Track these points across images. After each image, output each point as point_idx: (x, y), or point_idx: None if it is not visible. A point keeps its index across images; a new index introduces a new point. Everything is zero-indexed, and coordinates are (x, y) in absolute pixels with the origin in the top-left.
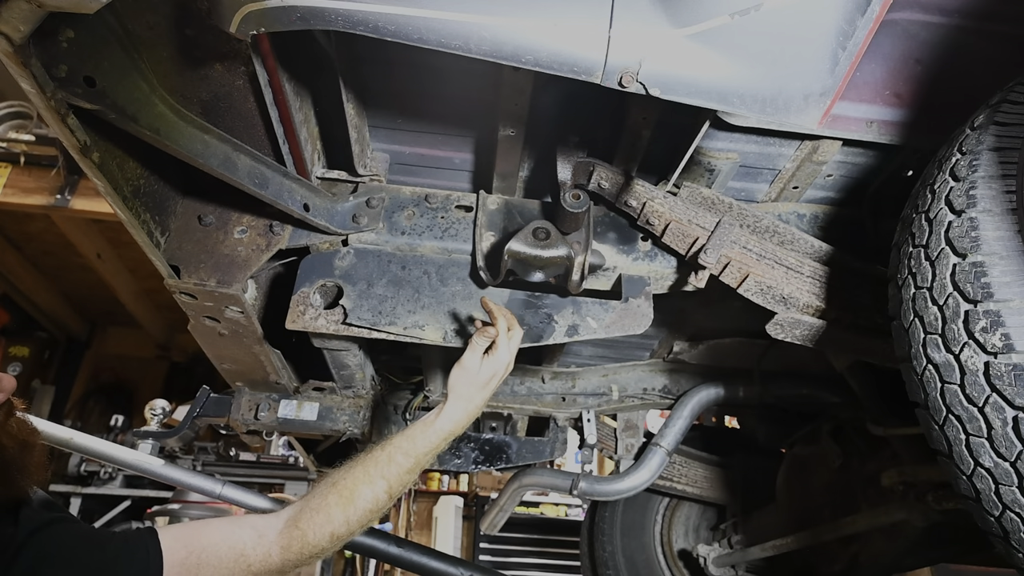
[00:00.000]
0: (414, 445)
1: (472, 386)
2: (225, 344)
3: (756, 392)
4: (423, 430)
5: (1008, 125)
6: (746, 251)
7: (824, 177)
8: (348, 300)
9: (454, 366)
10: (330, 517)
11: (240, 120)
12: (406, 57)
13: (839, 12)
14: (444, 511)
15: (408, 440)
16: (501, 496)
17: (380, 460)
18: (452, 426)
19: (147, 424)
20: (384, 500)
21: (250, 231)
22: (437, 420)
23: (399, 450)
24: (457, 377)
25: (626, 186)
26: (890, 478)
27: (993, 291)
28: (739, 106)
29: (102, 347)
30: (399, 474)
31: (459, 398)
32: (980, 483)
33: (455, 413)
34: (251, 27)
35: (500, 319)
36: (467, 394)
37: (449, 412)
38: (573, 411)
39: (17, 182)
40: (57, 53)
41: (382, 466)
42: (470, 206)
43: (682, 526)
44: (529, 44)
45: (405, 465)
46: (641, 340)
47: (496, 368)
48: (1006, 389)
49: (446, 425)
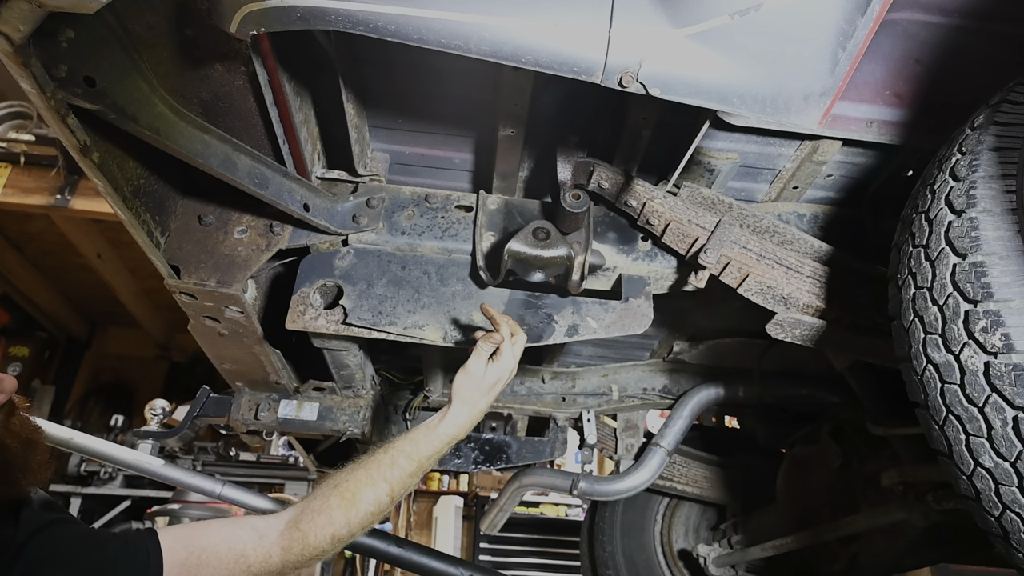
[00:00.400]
0: (417, 448)
1: (477, 391)
2: (225, 344)
3: (756, 392)
4: (426, 433)
5: (1008, 125)
6: (746, 251)
7: (824, 177)
8: (348, 300)
9: (459, 371)
10: (332, 519)
11: (240, 120)
12: (406, 57)
13: (839, 12)
14: (444, 511)
15: (411, 443)
16: (501, 496)
17: (383, 463)
18: (456, 430)
19: (147, 424)
20: (386, 503)
21: (250, 231)
22: (441, 424)
23: (402, 453)
24: (462, 382)
25: (626, 186)
26: (890, 478)
27: (993, 291)
28: (739, 106)
29: (102, 347)
30: (401, 477)
31: (464, 403)
32: (980, 483)
33: (459, 418)
34: (251, 27)
35: (503, 325)
36: (472, 399)
37: (453, 416)
38: (573, 411)
39: (17, 182)
40: (57, 53)
41: (384, 469)
42: (470, 206)
43: (682, 526)
44: (529, 44)
45: (408, 468)
46: (641, 340)
47: (501, 373)
48: (1006, 389)
49: (450, 429)
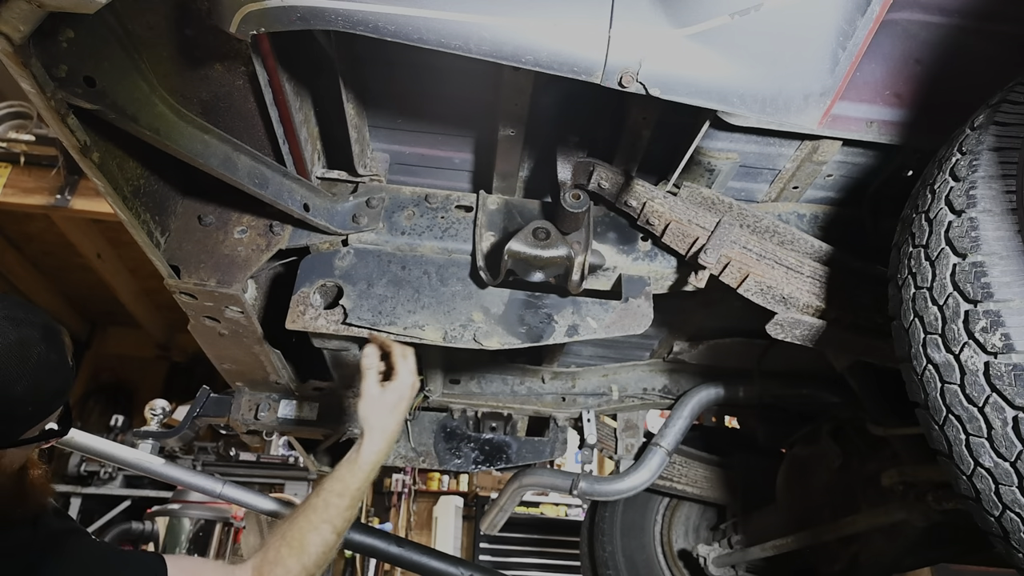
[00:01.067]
0: (345, 484)
1: (382, 414)
2: (225, 344)
3: (756, 392)
4: (350, 468)
5: (1008, 125)
6: (746, 251)
7: (824, 177)
8: (348, 300)
9: (359, 400)
10: (288, 569)
11: (240, 120)
12: (406, 57)
13: (839, 12)
14: (444, 511)
15: (338, 482)
16: (501, 496)
17: (318, 507)
18: (375, 457)
19: (147, 424)
20: (333, 540)
21: (250, 231)
22: (360, 456)
23: (332, 493)
24: (365, 408)
25: (626, 186)
26: (890, 478)
27: (993, 291)
28: (739, 106)
29: (102, 347)
30: (339, 513)
31: (373, 429)
32: (980, 483)
33: (374, 444)
34: (251, 27)
35: (392, 345)
36: (380, 423)
37: (368, 445)
38: (573, 411)
39: (17, 182)
40: (57, 53)
41: (321, 512)
42: (470, 206)
43: (682, 526)
44: (529, 44)
45: (342, 504)
46: (641, 340)
47: (402, 390)
48: (1006, 389)
49: (369, 457)
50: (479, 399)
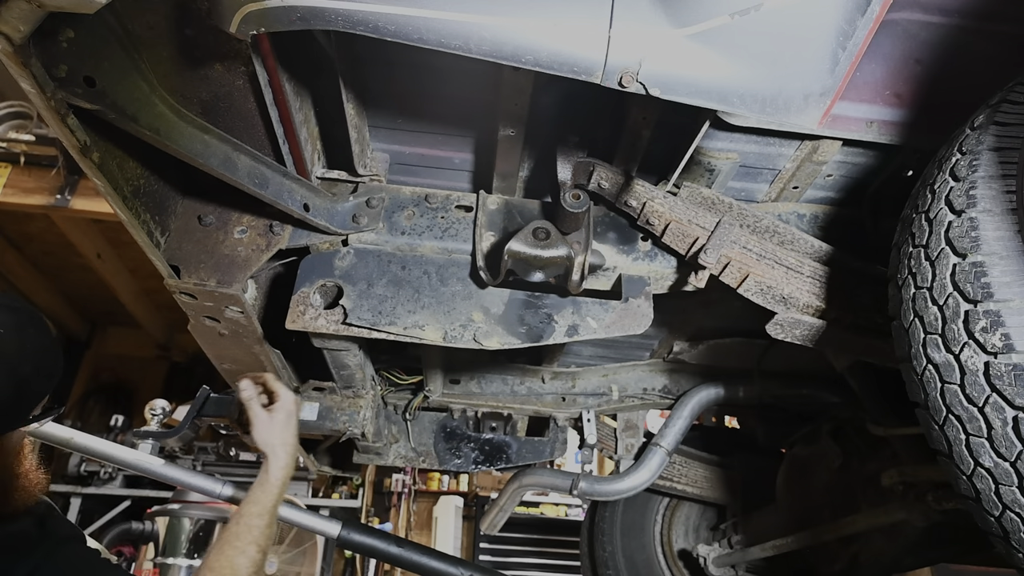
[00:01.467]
0: (260, 505)
1: (276, 433)
2: (225, 344)
3: (756, 392)
4: (262, 488)
5: (1008, 125)
6: (746, 251)
7: (824, 177)
8: (348, 300)
9: (252, 429)
10: None
11: (240, 120)
12: (406, 57)
13: (839, 12)
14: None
15: (254, 504)
16: (501, 496)
17: (241, 532)
18: (284, 472)
19: (147, 424)
20: (260, 558)
21: (250, 231)
22: (268, 476)
23: (252, 515)
24: (260, 433)
25: (626, 186)
26: (890, 478)
27: (993, 291)
28: (739, 106)
29: (102, 347)
30: (262, 532)
31: (274, 447)
32: (980, 483)
33: (279, 460)
34: (251, 27)
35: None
36: (279, 440)
37: (275, 462)
38: (573, 411)
39: (17, 182)
40: (57, 53)
41: (244, 534)
42: (470, 206)
43: (682, 526)
44: (529, 44)
45: (262, 523)
46: (641, 340)
47: (288, 407)
48: (1006, 389)
49: (278, 474)
50: (479, 399)
